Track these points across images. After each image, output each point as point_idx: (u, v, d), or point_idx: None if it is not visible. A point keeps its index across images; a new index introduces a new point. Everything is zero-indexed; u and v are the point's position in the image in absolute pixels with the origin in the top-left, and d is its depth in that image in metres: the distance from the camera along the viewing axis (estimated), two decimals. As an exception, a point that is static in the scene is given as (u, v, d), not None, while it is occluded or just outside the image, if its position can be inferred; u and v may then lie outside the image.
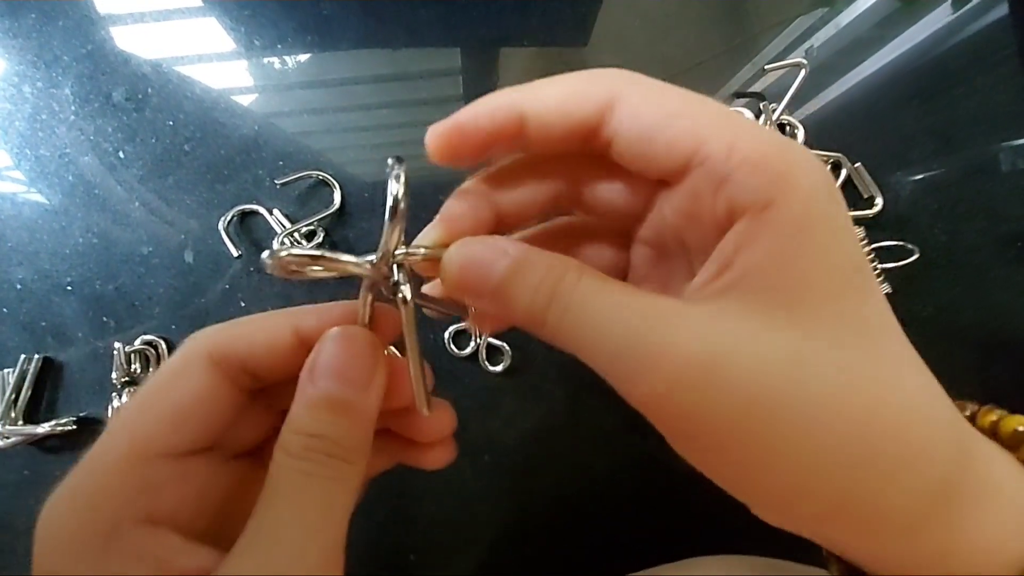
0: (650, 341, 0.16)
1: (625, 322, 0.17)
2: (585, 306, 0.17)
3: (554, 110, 0.18)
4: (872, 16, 0.45)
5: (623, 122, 0.18)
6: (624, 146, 0.18)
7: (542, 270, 0.18)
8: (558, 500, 0.38)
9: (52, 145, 0.38)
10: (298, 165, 0.38)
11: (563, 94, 0.19)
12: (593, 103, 0.18)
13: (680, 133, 0.17)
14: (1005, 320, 0.42)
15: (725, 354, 0.16)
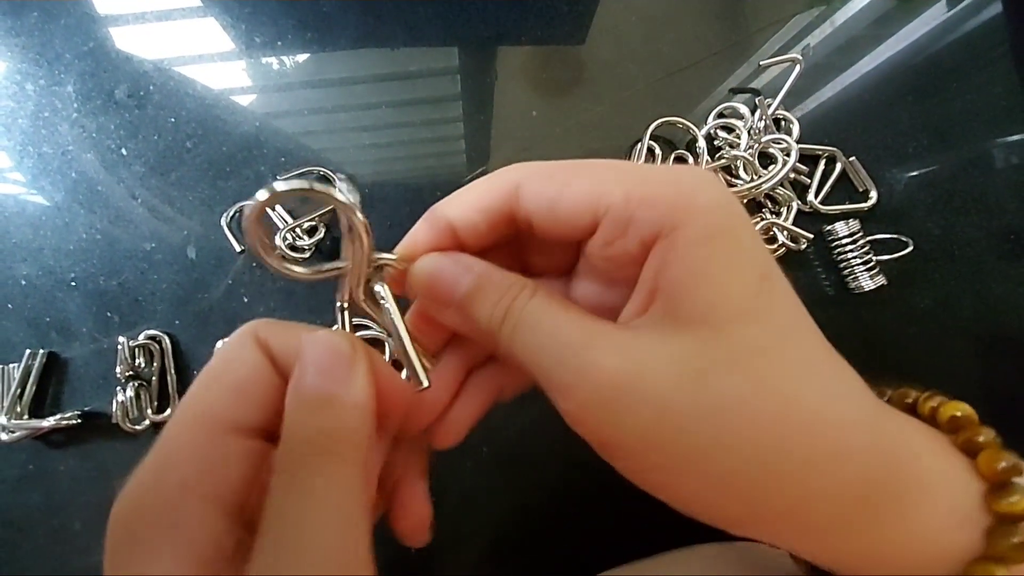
0: (577, 359, 0.18)
1: (560, 341, 0.18)
2: (530, 324, 0.19)
3: (472, 211, 0.21)
4: (868, 14, 0.45)
5: (529, 203, 0.20)
6: (537, 221, 0.20)
7: (501, 288, 0.20)
8: (557, 493, 0.39)
9: (55, 143, 0.38)
10: (299, 162, 0.39)
11: (475, 195, 0.21)
12: (501, 196, 0.21)
13: (579, 195, 0.19)
14: (999, 312, 0.42)
15: (638, 372, 0.17)
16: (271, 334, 0.20)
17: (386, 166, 0.40)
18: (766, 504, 0.17)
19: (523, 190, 0.20)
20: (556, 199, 0.20)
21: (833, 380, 0.18)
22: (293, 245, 0.37)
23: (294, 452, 0.18)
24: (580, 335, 0.18)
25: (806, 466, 0.17)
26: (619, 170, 0.20)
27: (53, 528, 0.37)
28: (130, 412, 0.36)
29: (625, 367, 0.17)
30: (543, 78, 0.42)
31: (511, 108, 0.41)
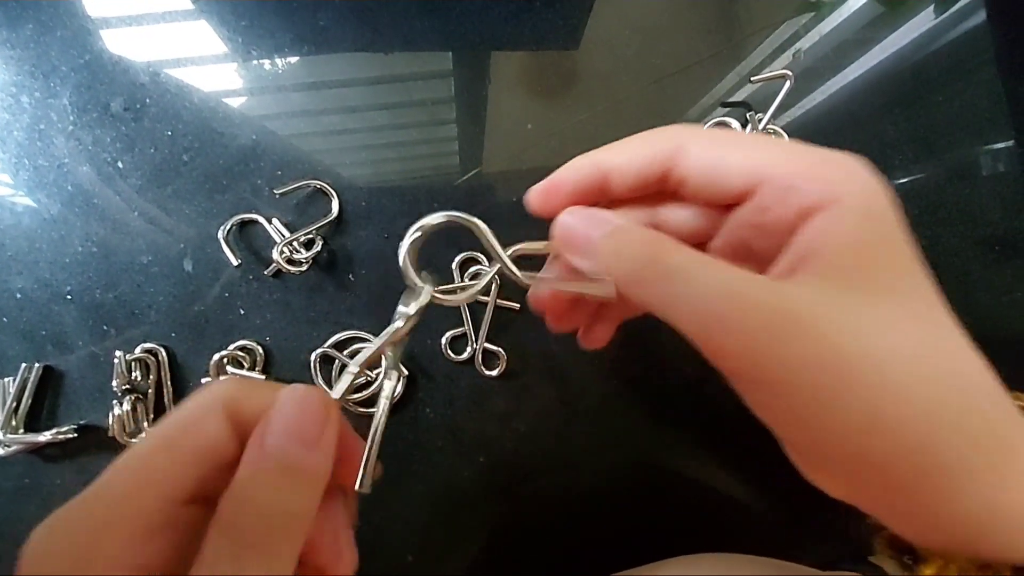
0: (740, 296, 0.19)
1: (719, 282, 0.19)
2: (684, 268, 0.20)
3: (628, 162, 0.23)
4: (856, 21, 0.46)
5: (691, 163, 0.22)
6: (694, 183, 0.22)
7: (643, 237, 0.21)
8: (553, 500, 0.39)
9: (50, 155, 0.38)
10: (296, 174, 0.39)
11: (636, 151, 0.23)
12: (662, 152, 0.22)
13: (743, 161, 0.21)
14: (987, 321, 0.43)
15: (797, 311, 0.18)
16: (243, 395, 0.20)
17: (381, 168, 0.40)
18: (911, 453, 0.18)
19: (686, 150, 0.22)
20: (719, 162, 0.21)
21: (976, 353, 0.20)
22: (290, 259, 0.37)
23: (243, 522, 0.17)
24: (741, 278, 0.19)
25: (961, 415, 0.18)
26: (778, 144, 0.21)
27: (51, 541, 0.37)
28: (127, 425, 0.36)
29: (785, 304, 0.18)
30: (537, 84, 0.42)
31: (504, 114, 0.42)
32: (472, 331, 0.38)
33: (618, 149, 0.23)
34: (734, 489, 0.41)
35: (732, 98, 0.44)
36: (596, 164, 0.23)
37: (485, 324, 0.38)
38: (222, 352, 0.37)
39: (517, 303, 0.39)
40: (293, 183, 0.38)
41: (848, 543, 0.42)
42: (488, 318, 0.38)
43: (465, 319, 0.38)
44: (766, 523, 0.41)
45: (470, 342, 0.38)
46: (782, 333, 0.18)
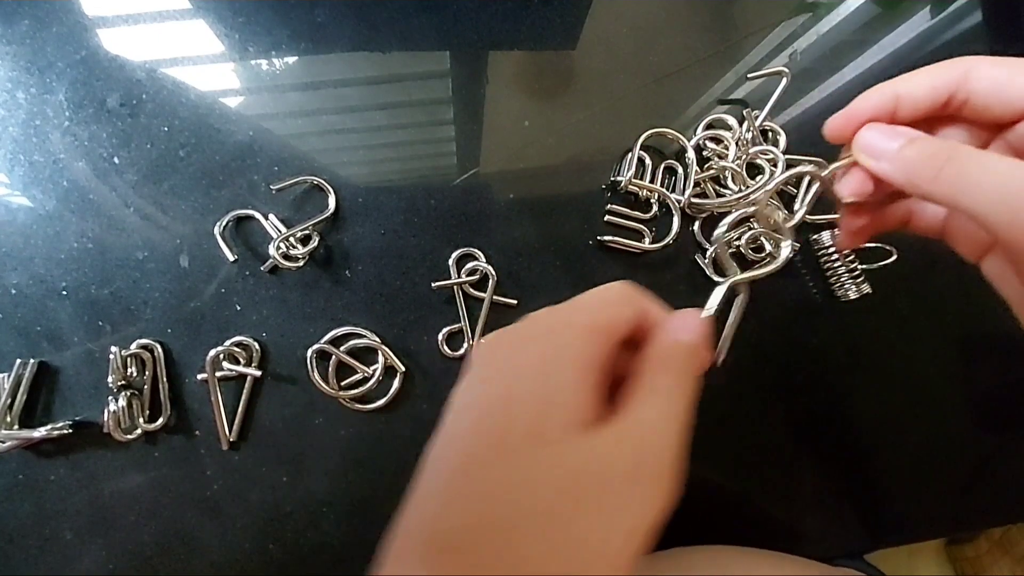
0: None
1: (1011, 172, 0.23)
2: (982, 164, 0.23)
3: (920, 85, 0.27)
4: (853, 22, 0.46)
5: (979, 83, 0.25)
6: (980, 102, 0.26)
7: (940, 143, 0.25)
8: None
9: (46, 151, 0.38)
10: (293, 170, 0.39)
11: (928, 77, 0.27)
12: (951, 76, 0.26)
13: (1019, 91, 0.25)
14: (981, 318, 0.43)
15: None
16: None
17: (378, 167, 0.40)
18: None
19: (975, 72, 0.25)
20: (1007, 81, 0.25)
21: None
22: (287, 254, 0.37)
23: (666, 359, 0.24)
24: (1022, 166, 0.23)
25: None
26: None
27: (44, 537, 0.37)
28: (122, 421, 0.36)
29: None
30: (534, 84, 0.42)
31: (502, 113, 0.42)
32: (468, 327, 0.38)
33: (911, 77, 0.27)
34: (733, 487, 0.41)
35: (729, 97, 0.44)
36: (891, 91, 0.27)
37: (481, 320, 0.38)
38: (218, 348, 0.37)
39: (514, 300, 0.39)
40: (290, 179, 0.38)
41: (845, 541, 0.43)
42: (484, 314, 0.38)
43: (461, 315, 0.38)
44: (765, 521, 0.41)
45: (466, 338, 0.38)
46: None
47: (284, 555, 0.37)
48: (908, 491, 0.43)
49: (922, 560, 0.69)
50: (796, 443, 0.42)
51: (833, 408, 0.42)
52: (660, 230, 0.41)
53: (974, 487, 0.44)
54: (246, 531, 0.37)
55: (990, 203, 0.23)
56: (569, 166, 0.42)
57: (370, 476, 0.38)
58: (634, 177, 0.40)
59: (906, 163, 0.26)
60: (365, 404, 0.38)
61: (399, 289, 0.39)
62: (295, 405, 0.38)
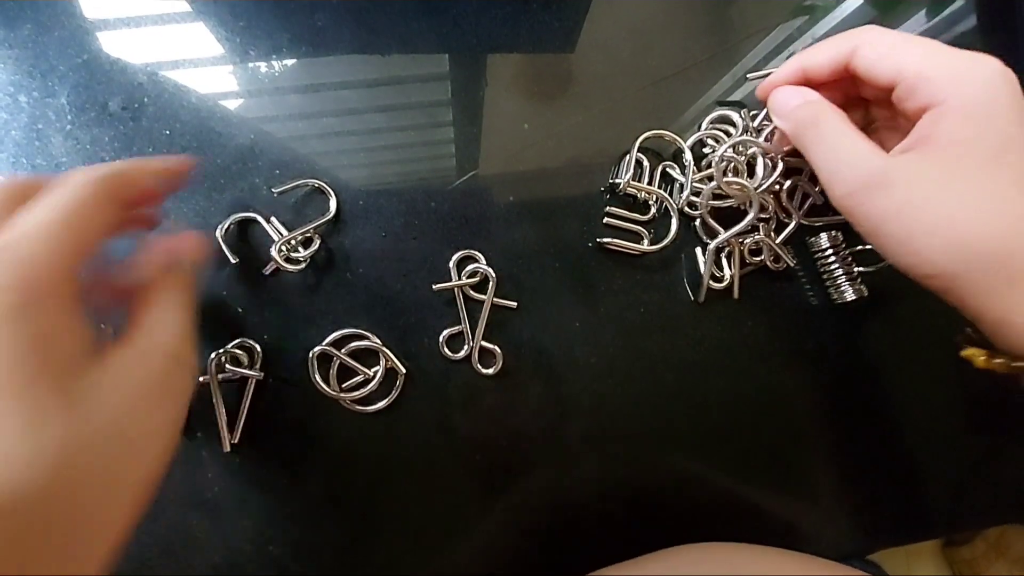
0: (852, 160, 0.30)
1: (845, 147, 0.30)
2: (828, 134, 0.31)
3: (821, 58, 0.33)
4: (850, 25, 0.46)
5: (858, 63, 0.32)
6: (863, 73, 0.32)
7: (814, 108, 0.33)
8: (550, 498, 0.39)
9: (48, 154, 0.38)
10: (294, 173, 0.39)
11: (825, 51, 0.33)
12: (842, 53, 0.32)
13: (888, 64, 0.30)
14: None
15: (894, 170, 0.28)
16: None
17: (378, 170, 0.41)
18: (966, 255, 0.27)
19: (858, 52, 0.31)
20: (875, 61, 0.31)
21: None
22: (288, 257, 0.37)
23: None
24: (857, 148, 0.30)
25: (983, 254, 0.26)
26: (920, 46, 0.30)
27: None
28: (125, 423, 0.37)
29: (880, 170, 0.29)
30: (533, 86, 0.43)
31: (501, 116, 0.42)
32: (469, 329, 0.38)
33: (813, 50, 0.34)
34: (731, 487, 0.41)
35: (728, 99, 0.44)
36: (798, 64, 0.34)
37: (482, 322, 0.38)
38: (219, 350, 0.37)
39: (514, 302, 0.39)
40: (291, 182, 0.38)
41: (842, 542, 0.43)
42: (484, 316, 0.38)
43: (462, 317, 0.39)
44: (761, 522, 0.42)
45: (466, 340, 0.39)
46: (871, 190, 0.28)
47: (285, 557, 0.37)
48: (904, 492, 0.44)
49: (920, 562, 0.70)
50: (793, 444, 0.42)
51: (829, 410, 0.43)
52: (659, 232, 0.42)
53: (969, 488, 0.44)
54: (247, 533, 0.37)
55: (821, 171, 0.31)
56: (568, 168, 0.42)
57: (372, 478, 0.38)
58: (632, 179, 0.41)
59: (795, 121, 0.33)
60: (366, 406, 0.38)
61: (400, 291, 0.39)
62: (297, 407, 0.38)
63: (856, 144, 0.30)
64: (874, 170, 0.28)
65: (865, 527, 0.43)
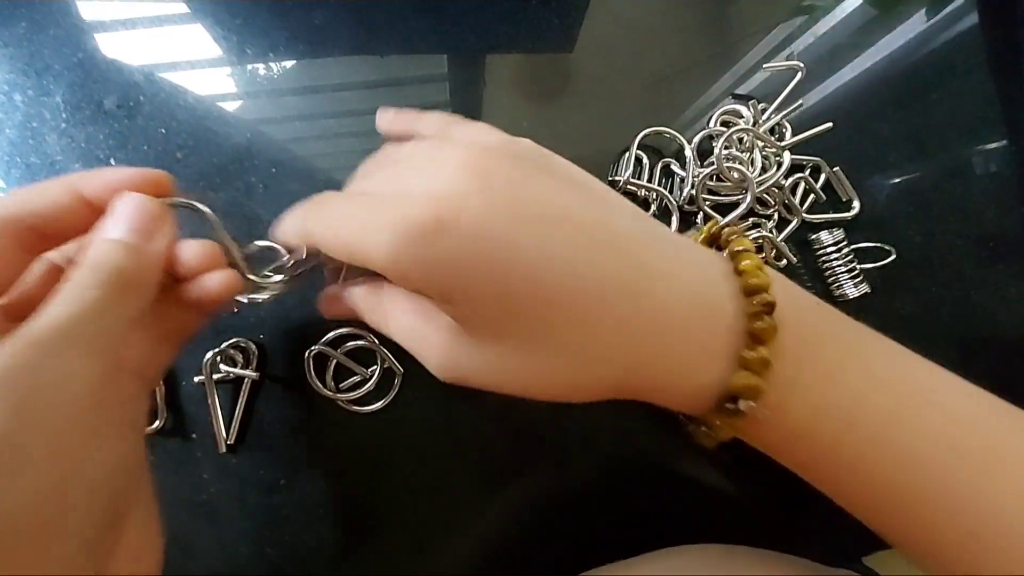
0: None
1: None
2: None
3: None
4: (850, 25, 0.46)
5: None
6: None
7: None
8: (548, 496, 0.39)
9: (43, 153, 0.38)
10: (290, 172, 0.39)
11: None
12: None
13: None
14: (979, 317, 0.43)
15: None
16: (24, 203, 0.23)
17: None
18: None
19: None
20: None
21: None
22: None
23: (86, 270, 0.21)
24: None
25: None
26: None
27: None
28: (119, 424, 0.36)
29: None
30: (531, 87, 0.42)
31: (499, 116, 0.42)
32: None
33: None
34: (729, 486, 0.41)
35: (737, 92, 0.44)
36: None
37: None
38: (215, 350, 0.36)
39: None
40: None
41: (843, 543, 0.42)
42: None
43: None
44: (761, 521, 0.41)
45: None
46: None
47: (281, 559, 0.37)
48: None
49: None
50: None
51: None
52: (658, 230, 0.41)
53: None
54: (243, 535, 0.37)
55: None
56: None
57: (368, 478, 0.38)
58: (632, 177, 0.40)
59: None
60: (363, 406, 0.38)
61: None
62: (293, 408, 0.38)
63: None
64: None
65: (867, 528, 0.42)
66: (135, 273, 0.22)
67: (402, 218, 0.21)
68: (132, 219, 0.23)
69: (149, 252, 0.23)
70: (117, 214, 0.23)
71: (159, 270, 0.24)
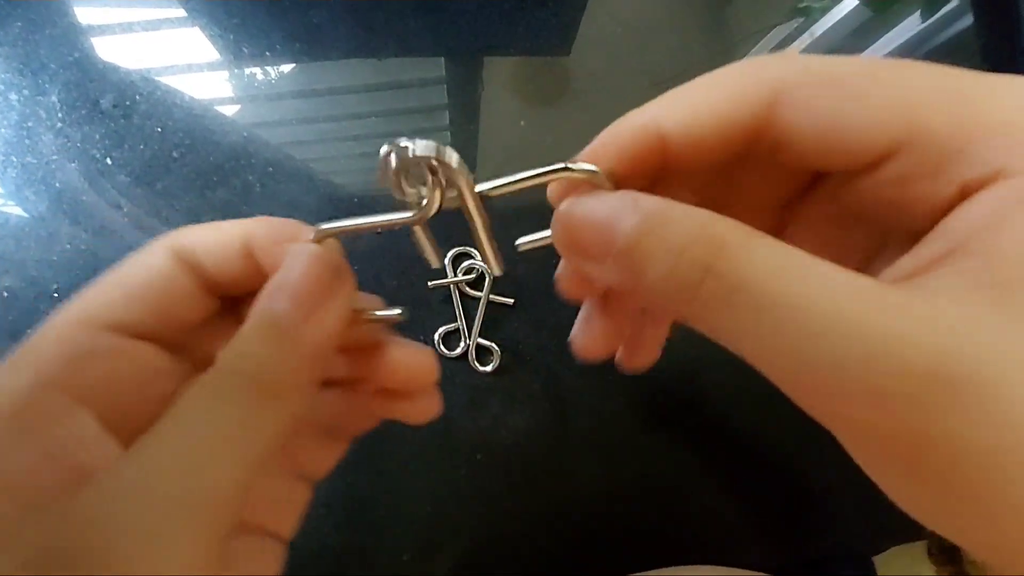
0: (870, 339, 0.12)
1: (836, 315, 0.12)
2: (766, 288, 0.13)
3: (702, 122, 0.16)
4: (846, 26, 0.46)
5: (798, 117, 0.15)
6: (801, 148, 0.15)
7: (691, 228, 0.14)
8: (547, 497, 0.39)
9: (39, 152, 0.38)
10: (287, 171, 0.39)
11: (711, 100, 0.16)
12: (753, 103, 0.15)
13: (880, 114, 0.14)
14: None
15: (1004, 369, 0.11)
16: (199, 239, 0.18)
17: (374, 176, 0.40)
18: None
19: (789, 98, 0.15)
20: (842, 118, 0.14)
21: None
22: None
23: (221, 372, 0.15)
24: (875, 307, 0.12)
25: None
26: (939, 78, 0.14)
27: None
28: (115, 425, 0.36)
29: (957, 354, 0.11)
30: (530, 88, 0.42)
31: (498, 118, 0.42)
32: (465, 327, 0.38)
33: (681, 104, 0.16)
34: (728, 486, 0.41)
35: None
36: (650, 128, 0.16)
37: (478, 320, 0.38)
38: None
39: (511, 299, 0.39)
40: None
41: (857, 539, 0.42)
42: (481, 314, 0.38)
43: (458, 315, 0.38)
44: (760, 522, 0.41)
45: (463, 338, 0.38)
46: (931, 402, 0.11)
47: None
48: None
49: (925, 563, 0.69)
50: (793, 443, 0.42)
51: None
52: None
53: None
54: (240, 536, 0.37)
55: (778, 368, 0.14)
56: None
57: (369, 478, 0.38)
58: (630, 176, 0.40)
59: (638, 269, 0.14)
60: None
61: (396, 289, 0.39)
62: (290, 407, 0.37)
63: (861, 298, 0.12)
64: (945, 359, 0.11)
65: (871, 526, 0.42)
66: (277, 373, 0.16)
67: None
68: (295, 287, 0.17)
69: (302, 335, 0.16)
70: (278, 280, 0.17)
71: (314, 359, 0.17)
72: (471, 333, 0.38)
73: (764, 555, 0.39)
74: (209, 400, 0.15)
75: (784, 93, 0.15)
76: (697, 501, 0.40)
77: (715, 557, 0.38)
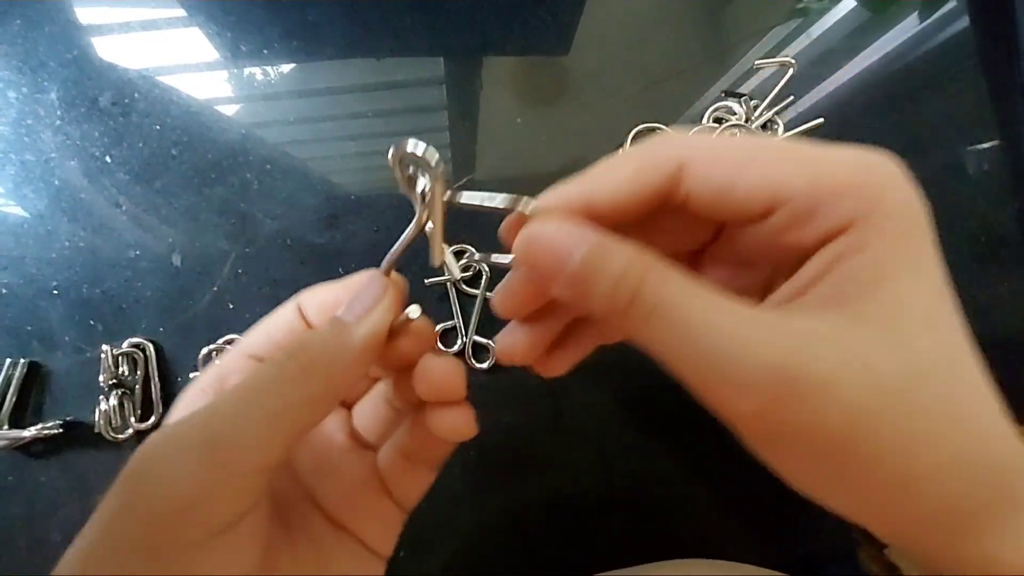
0: (749, 351, 0.16)
1: (719, 329, 0.16)
2: (672, 307, 0.17)
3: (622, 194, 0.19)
4: (844, 27, 0.46)
5: (697, 185, 0.19)
6: (700, 204, 0.19)
7: (623, 260, 0.18)
8: (544, 495, 0.39)
9: (37, 150, 0.38)
10: (285, 169, 0.39)
11: (627, 174, 0.19)
12: (661, 176, 0.19)
13: (757, 181, 0.18)
14: (975, 313, 0.43)
15: (834, 368, 0.16)
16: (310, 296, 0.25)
17: (372, 175, 0.40)
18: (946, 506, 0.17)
19: (690, 171, 0.19)
20: (731, 184, 0.18)
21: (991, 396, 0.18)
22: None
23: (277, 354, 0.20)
24: (747, 323, 0.16)
25: (972, 473, 0.17)
26: (799, 154, 0.18)
27: (33, 539, 0.37)
28: (113, 420, 0.36)
29: (820, 363, 0.16)
30: (528, 87, 0.42)
31: (496, 117, 0.42)
32: (462, 324, 0.38)
33: (602, 181, 0.19)
34: (721, 484, 0.41)
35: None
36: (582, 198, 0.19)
37: (475, 317, 0.38)
38: (210, 346, 0.36)
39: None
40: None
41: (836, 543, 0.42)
42: (478, 311, 0.38)
43: (455, 312, 0.38)
44: (760, 521, 0.41)
45: (460, 335, 0.38)
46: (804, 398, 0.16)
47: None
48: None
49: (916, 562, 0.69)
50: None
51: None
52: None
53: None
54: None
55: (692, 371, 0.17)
56: (563, 167, 0.42)
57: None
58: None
59: (584, 290, 0.18)
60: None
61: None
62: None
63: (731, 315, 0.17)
64: (791, 361, 0.16)
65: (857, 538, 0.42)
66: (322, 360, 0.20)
67: None
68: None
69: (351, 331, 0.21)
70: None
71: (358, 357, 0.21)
72: (468, 330, 0.38)
73: (756, 552, 0.40)
74: (259, 374, 0.20)
75: (688, 166, 0.19)
76: (690, 499, 0.40)
77: (707, 554, 0.39)
